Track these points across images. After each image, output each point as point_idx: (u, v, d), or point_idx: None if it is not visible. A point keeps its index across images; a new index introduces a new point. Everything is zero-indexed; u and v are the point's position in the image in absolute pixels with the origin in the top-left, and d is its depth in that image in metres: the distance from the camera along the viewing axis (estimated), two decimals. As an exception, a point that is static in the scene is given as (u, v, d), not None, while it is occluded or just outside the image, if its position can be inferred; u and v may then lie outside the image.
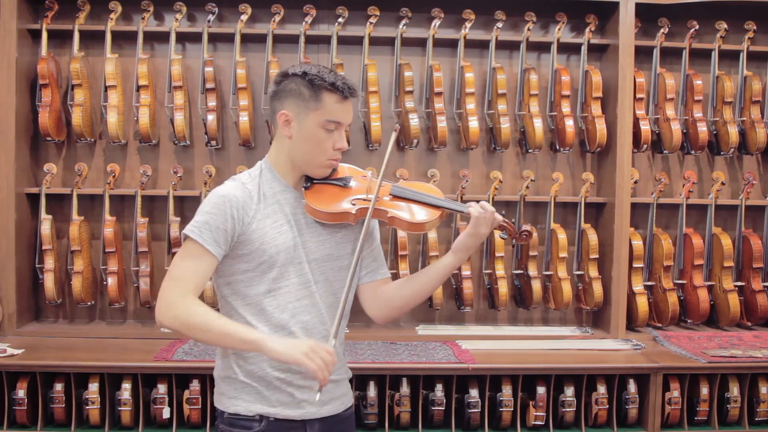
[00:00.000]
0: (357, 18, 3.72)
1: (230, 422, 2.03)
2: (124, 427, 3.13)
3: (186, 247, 1.96)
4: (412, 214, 2.07)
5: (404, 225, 2.08)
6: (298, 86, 1.98)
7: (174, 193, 3.63)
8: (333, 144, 2.01)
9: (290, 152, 2.03)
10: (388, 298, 2.14)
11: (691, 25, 3.79)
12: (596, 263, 3.72)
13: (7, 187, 3.48)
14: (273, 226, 2.00)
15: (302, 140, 2.00)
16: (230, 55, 3.65)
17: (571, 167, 3.93)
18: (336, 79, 1.97)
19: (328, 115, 1.97)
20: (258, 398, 2.01)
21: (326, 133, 1.99)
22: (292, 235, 2.01)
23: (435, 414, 3.18)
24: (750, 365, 3.23)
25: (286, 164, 2.05)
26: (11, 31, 3.46)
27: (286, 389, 2.01)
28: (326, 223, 2.05)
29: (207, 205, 1.97)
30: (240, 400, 2.02)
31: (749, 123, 3.83)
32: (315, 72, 1.97)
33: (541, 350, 3.44)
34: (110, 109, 3.56)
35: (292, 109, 1.99)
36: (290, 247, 2.00)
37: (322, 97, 1.96)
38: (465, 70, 3.69)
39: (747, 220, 3.88)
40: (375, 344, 3.42)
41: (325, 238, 2.06)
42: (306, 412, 2.02)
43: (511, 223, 2.13)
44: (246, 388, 2.02)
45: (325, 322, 2.04)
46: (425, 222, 2.07)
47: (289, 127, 2.00)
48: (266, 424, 2.00)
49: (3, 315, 3.48)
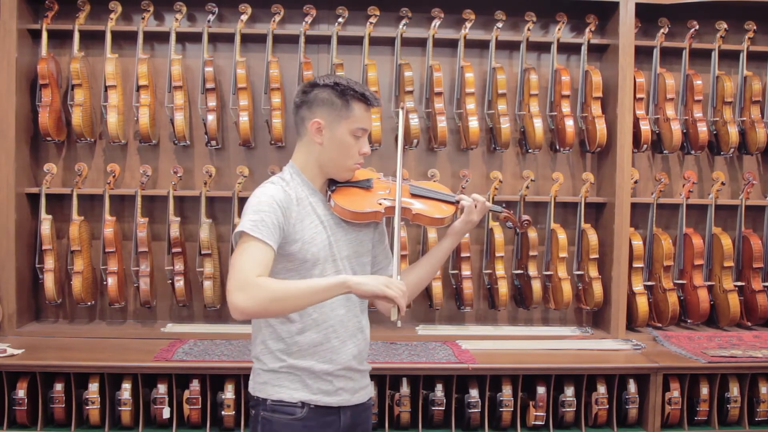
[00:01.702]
0: (357, 18, 3.72)
1: (273, 408, 2.15)
2: (124, 427, 3.13)
3: (243, 245, 2.01)
4: (433, 210, 2.26)
5: (427, 220, 2.26)
6: (330, 96, 2.13)
7: (174, 193, 3.63)
8: (359, 149, 2.17)
9: (319, 157, 2.17)
10: None
11: (691, 25, 3.79)
12: (596, 263, 3.72)
13: (7, 187, 3.48)
14: (310, 226, 2.13)
15: (333, 146, 2.15)
16: (230, 55, 3.65)
17: (571, 167, 3.93)
18: (364, 89, 2.15)
19: (357, 123, 2.14)
20: (301, 386, 2.14)
21: (354, 140, 2.15)
22: (326, 234, 2.15)
23: (435, 414, 3.18)
24: (750, 365, 3.23)
25: (314, 169, 2.19)
26: (11, 31, 3.46)
27: (327, 378, 2.15)
28: (352, 223, 2.20)
29: (259, 205, 2.06)
30: (285, 388, 2.14)
31: (749, 123, 3.83)
32: (345, 83, 2.14)
33: (541, 350, 3.44)
34: (110, 109, 3.56)
35: (324, 117, 2.13)
36: (326, 245, 2.14)
37: (352, 106, 2.13)
38: (465, 70, 3.69)
39: (747, 220, 3.88)
40: (375, 344, 3.41)
41: (351, 236, 2.21)
42: (341, 399, 2.17)
43: (512, 214, 2.37)
44: (290, 376, 2.14)
45: (357, 314, 2.21)
46: (445, 217, 2.25)
47: (321, 135, 2.15)
48: (307, 410, 2.13)
49: (3, 315, 3.48)
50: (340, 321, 2.16)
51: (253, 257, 1.99)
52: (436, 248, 2.32)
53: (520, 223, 2.40)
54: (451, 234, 2.29)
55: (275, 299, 1.95)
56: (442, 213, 2.26)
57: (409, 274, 2.29)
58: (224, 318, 3.75)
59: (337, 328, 2.16)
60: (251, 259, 1.98)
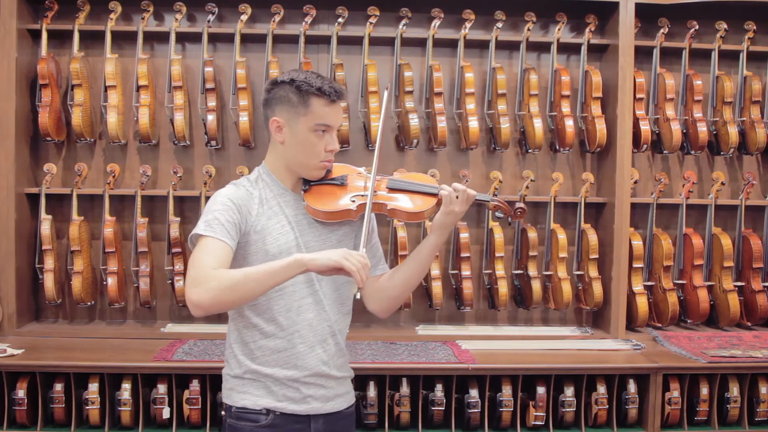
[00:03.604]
0: (357, 18, 3.72)
1: (238, 416, 2.09)
2: (124, 427, 3.13)
3: (199, 245, 1.98)
4: (410, 204, 2.13)
5: (404, 215, 2.14)
6: (287, 93, 2.06)
7: (174, 193, 3.63)
8: (324, 146, 2.08)
9: (285, 157, 2.11)
10: (384, 289, 2.20)
11: (691, 25, 3.79)
12: (596, 263, 3.72)
13: (7, 187, 3.48)
14: (275, 227, 2.07)
15: (295, 145, 2.08)
16: (230, 55, 3.65)
17: (571, 167, 3.93)
18: (323, 83, 2.04)
19: (317, 119, 2.05)
20: (266, 393, 2.08)
21: (317, 137, 2.06)
22: (294, 235, 2.08)
23: (435, 414, 3.18)
24: (750, 365, 3.23)
25: (282, 168, 2.13)
26: (11, 31, 3.46)
27: (293, 385, 2.08)
28: (327, 222, 2.12)
29: (213, 205, 2.03)
30: (248, 395, 2.09)
31: (749, 123, 3.83)
32: (302, 78, 2.05)
33: (541, 350, 3.44)
34: (110, 109, 3.56)
35: (282, 116, 2.07)
36: (292, 247, 2.07)
37: (310, 102, 2.04)
38: (465, 70, 3.69)
39: (747, 220, 3.88)
40: (375, 344, 3.41)
41: (326, 237, 2.13)
42: (311, 407, 2.10)
43: (505, 202, 2.17)
44: (254, 383, 2.09)
45: (328, 318, 2.13)
46: (424, 210, 2.13)
47: (281, 133, 2.09)
48: (273, 417, 2.07)
49: (3, 315, 3.48)
50: (309, 325, 2.10)
51: (207, 253, 1.94)
52: (421, 245, 2.18)
53: (513, 212, 2.19)
54: (434, 228, 2.13)
55: (230, 287, 1.88)
56: (420, 207, 2.13)
57: (395, 275, 2.20)
58: (224, 318, 3.72)
59: (304, 333, 2.09)
60: (206, 255, 1.94)
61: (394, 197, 2.15)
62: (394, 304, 2.24)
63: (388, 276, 2.22)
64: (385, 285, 2.20)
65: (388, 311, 2.25)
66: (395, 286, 2.19)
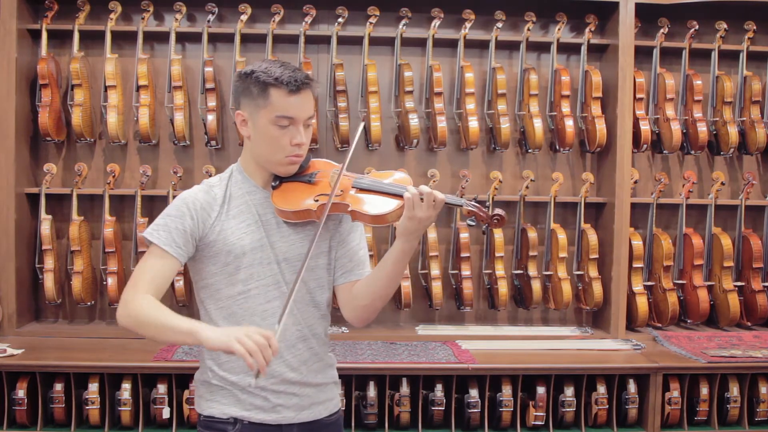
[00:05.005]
0: (357, 18, 3.72)
1: (206, 425, 2.00)
2: (124, 427, 3.13)
3: (147, 251, 1.94)
4: (372, 207, 1.91)
5: (367, 218, 1.93)
6: (248, 85, 1.94)
7: (174, 193, 3.62)
8: (290, 140, 1.93)
9: (252, 152, 2.00)
10: (356, 296, 2.03)
11: (691, 25, 3.79)
12: (596, 263, 3.72)
13: (7, 187, 3.48)
14: (239, 227, 1.96)
15: (258, 139, 1.95)
16: (230, 55, 3.64)
17: (571, 167, 3.93)
18: (282, 73, 1.90)
19: (277, 111, 1.90)
20: (233, 401, 1.98)
21: (280, 130, 1.92)
22: (260, 235, 1.97)
23: (435, 414, 3.18)
24: (750, 365, 3.23)
25: (252, 165, 2.01)
26: (11, 31, 3.46)
27: (261, 394, 1.97)
28: (296, 222, 1.98)
29: (169, 209, 1.96)
30: (215, 403, 1.99)
31: (749, 123, 3.83)
32: (263, 68, 1.92)
33: (541, 350, 3.44)
34: (110, 109, 3.56)
35: (246, 109, 1.96)
36: (257, 247, 1.96)
37: (269, 93, 1.90)
38: (465, 70, 3.69)
39: (747, 220, 3.88)
40: (375, 344, 3.41)
41: (295, 237, 2.00)
42: (282, 416, 1.98)
43: (482, 207, 1.90)
44: (221, 391, 1.99)
45: (299, 322, 1.99)
46: (387, 213, 1.89)
47: (246, 127, 1.97)
48: (240, 427, 1.97)
49: (3, 315, 3.48)
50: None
51: (149, 267, 1.90)
52: (387, 254, 1.94)
53: (489, 218, 1.88)
54: (398, 234, 1.90)
55: (140, 324, 1.84)
56: (383, 209, 1.89)
57: (367, 284, 2.01)
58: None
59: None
60: (146, 269, 1.90)
61: (359, 198, 1.94)
62: (364, 313, 2.04)
63: (363, 283, 2.03)
64: (358, 292, 2.02)
65: (361, 320, 2.07)
66: (367, 294, 2.00)
